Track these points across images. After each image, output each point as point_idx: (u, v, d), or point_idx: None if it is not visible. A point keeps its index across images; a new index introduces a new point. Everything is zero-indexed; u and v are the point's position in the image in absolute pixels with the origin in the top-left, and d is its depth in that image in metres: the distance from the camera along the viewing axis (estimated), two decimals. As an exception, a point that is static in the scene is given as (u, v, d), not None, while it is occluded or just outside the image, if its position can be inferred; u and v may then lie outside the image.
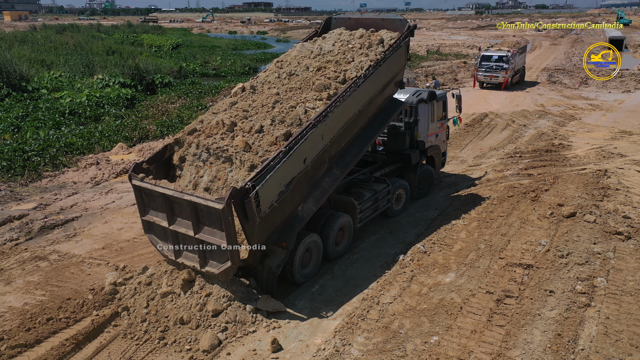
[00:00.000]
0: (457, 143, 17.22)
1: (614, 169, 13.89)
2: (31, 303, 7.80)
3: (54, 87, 26.55)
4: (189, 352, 6.73)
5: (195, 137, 8.23)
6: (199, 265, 7.46)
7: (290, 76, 9.54)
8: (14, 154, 15.03)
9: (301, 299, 8.07)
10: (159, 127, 19.22)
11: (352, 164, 9.40)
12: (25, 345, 6.76)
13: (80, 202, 12.40)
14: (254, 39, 76.05)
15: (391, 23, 10.90)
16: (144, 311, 7.45)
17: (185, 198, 7.01)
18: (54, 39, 52.27)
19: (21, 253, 9.59)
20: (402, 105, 10.98)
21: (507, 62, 27.79)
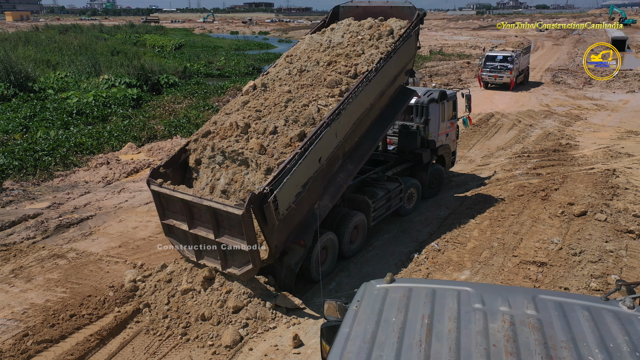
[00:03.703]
0: (464, 143, 17.32)
1: (622, 168, 14.00)
2: (53, 300, 7.91)
3: (60, 88, 26.66)
4: (211, 348, 6.84)
5: (209, 139, 8.27)
6: (220, 267, 7.55)
7: (301, 72, 9.49)
8: (24, 154, 15.14)
9: (319, 296, 8.16)
10: (167, 127, 19.31)
11: (365, 158, 9.41)
12: (50, 341, 6.87)
13: (94, 201, 12.50)
14: (256, 39, 76.15)
15: (400, 10, 10.75)
16: (165, 308, 7.55)
17: (205, 204, 7.08)
18: (57, 39, 52.39)
19: (39, 251, 9.69)
20: (413, 94, 10.93)
21: (512, 62, 27.85)
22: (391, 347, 3.13)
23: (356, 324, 3.41)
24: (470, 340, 3.14)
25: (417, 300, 3.59)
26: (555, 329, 3.22)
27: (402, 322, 3.37)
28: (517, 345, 3.07)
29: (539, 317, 3.33)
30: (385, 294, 3.70)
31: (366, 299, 3.68)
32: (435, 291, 3.67)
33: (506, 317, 3.33)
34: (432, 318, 3.37)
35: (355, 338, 3.26)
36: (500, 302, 3.49)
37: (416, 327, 3.30)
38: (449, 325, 3.29)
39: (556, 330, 3.22)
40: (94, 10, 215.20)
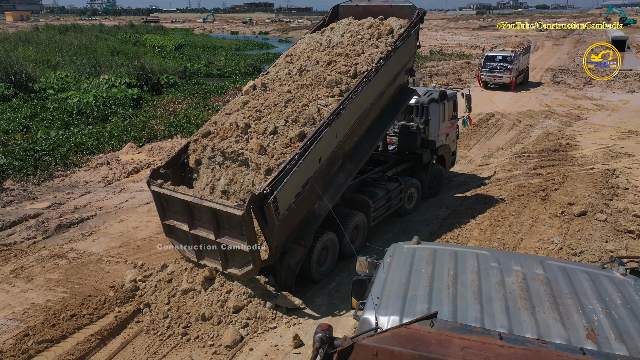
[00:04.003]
0: (464, 143, 17.33)
1: (622, 168, 14.01)
2: (53, 300, 7.91)
3: (60, 88, 26.67)
4: (212, 348, 6.85)
5: (209, 139, 8.27)
6: (221, 267, 7.56)
7: (301, 72, 9.47)
8: (25, 154, 15.15)
9: (319, 296, 8.18)
10: (167, 127, 19.33)
11: (366, 157, 9.42)
12: (51, 341, 6.88)
13: (94, 201, 12.51)
14: (256, 39, 76.16)
15: (400, 10, 10.72)
16: (166, 307, 7.56)
17: (205, 204, 7.08)
18: (57, 39, 52.39)
19: (40, 251, 9.70)
20: (413, 93, 10.93)
21: (511, 62, 27.83)
22: (424, 289, 3.71)
23: (391, 271, 3.99)
24: (490, 288, 3.72)
25: (442, 257, 4.18)
26: (560, 285, 3.81)
27: (431, 272, 3.95)
28: (530, 294, 3.65)
29: (546, 275, 3.92)
30: (413, 252, 4.30)
31: (397, 255, 4.30)
32: (457, 252, 4.28)
33: (519, 274, 3.91)
34: (457, 271, 3.95)
35: (392, 281, 3.84)
36: (514, 263, 4.09)
37: (443, 276, 3.88)
38: (471, 276, 3.88)
39: (561, 285, 3.80)
40: (94, 11, 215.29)
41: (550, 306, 3.52)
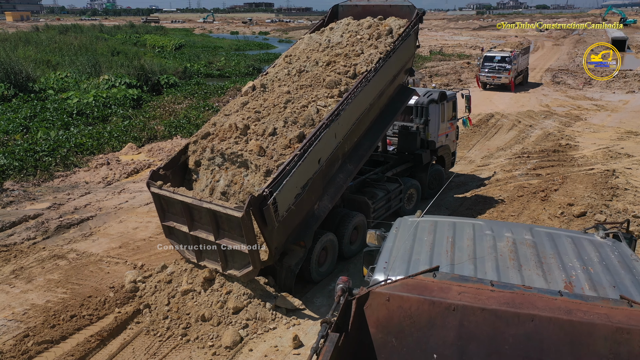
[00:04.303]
0: (464, 143, 17.34)
1: (621, 169, 14.02)
2: (53, 301, 7.92)
3: (60, 88, 26.68)
4: (211, 348, 6.86)
5: (209, 141, 8.26)
6: (221, 268, 7.57)
7: (300, 73, 9.46)
8: (25, 155, 15.16)
9: (319, 297, 8.19)
10: (167, 128, 19.34)
11: (365, 158, 9.42)
12: (51, 342, 6.89)
13: (94, 202, 12.52)
14: (256, 39, 76.20)
15: (399, 10, 10.71)
16: (166, 308, 7.57)
17: (205, 206, 7.09)
18: (57, 39, 52.43)
19: (40, 252, 9.71)
20: (412, 93, 10.93)
21: (510, 62, 27.78)
22: (425, 254, 4.30)
23: (397, 240, 4.61)
24: (483, 251, 4.30)
25: (442, 227, 4.75)
26: (545, 247, 4.37)
27: (432, 240, 4.52)
28: (518, 255, 4.23)
29: (534, 240, 4.48)
30: (416, 224, 4.88)
31: (402, 227, 4.88)
32: (455, 223, 4.86)
33: (509, 239, 4.49)
34: (454, 238, 4.53)
35: (398, 249, 4.43)
36: (505, 230, 4.67)
37: (443, 243, 4.46)
38: (467, 242, 4.45)
39: (546, 248, 4.36)
40: (94, 11, 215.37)
41: (535, 264, 4.11)
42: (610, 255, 4.26)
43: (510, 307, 3.38)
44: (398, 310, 3.50)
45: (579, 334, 3.28)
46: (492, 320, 3.38)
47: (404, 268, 4.11)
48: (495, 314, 3.38)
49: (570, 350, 3.29)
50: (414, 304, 3.48)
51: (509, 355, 3.37)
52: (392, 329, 3.52)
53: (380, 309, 3.53)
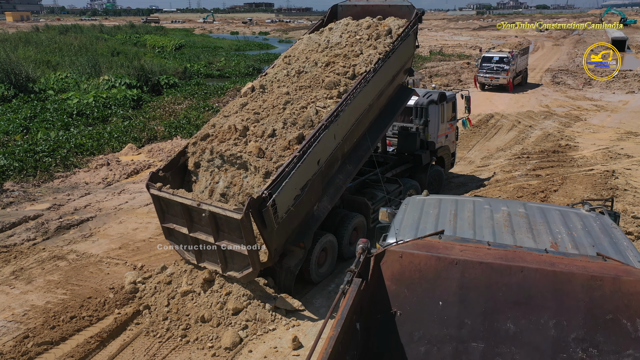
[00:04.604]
0: (464, 144, 17.35)
1: (621, 169, 14.03)
2: (53, 302, 7.93)
3: (60, 88, 26.70)
4: (211, 350, 6.87)
5: (208, 142, 8.25)
6: (221, 269, 7.58)
7: (299, 74, 9.44)
8: (25, 155, 15.17)
9: (318, 298, 8.20)
10: (167, 128, 19.34)
11: (364, 158, 9.42)
12: (51, 343, 6.90)
13: (94, 203, 12.53)
14: (256, 39, 76.22)
15: (398, 9, 10.70)
16: (165, 309, 7.58)
17: (204, 208, 7.10)
18: (58, 39, 52.46)
19: (39, 253, 9.72)
20: (412, 93, 10.92)
21: (508, 63, 27.69)
22: (431, 223, 4.93)
23: (407, 213, 5.27)
24: (481, 221, 4.91)
25: (445, 203, 5.39)
26: (536, 218, 4.97)
27: (437, 213, 5.14)
28: (511, 224, 4.84)
29: (526, 212, 5.09)
30: (423, 201, 5.55)
31: (411, 204, 5.56)
32: (457, 200, 5.53)
33: (505, 211, 5.10)
34: (457, 211, 5.15)
35: (407, 219, 5.11)
36: (502, 205, 5.31)
37: (446, 215, 5.09)
38: (468, 214, 5.06)
39: (537, 218, 4.97)
40: (94, 11, 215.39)
41: (526, 230, 4.74)
42: (593, 224, 4.88)
43: (503, 261, 4.02)
44: (409, 265, 4.14)
45: (560, 282, 3.88)
46: (488, 272, 4.00)
47: (412, 233, 4.75)
48: (491, 267, 4.00)
49: (554, 295, 3.89)
50: (422, 259, 4.11)
51: (503, 301, 3.96)
52: (404, 281, 4.14)
53: (394, 264, 4.16)
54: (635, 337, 3.73)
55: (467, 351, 3.95)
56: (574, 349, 3.81)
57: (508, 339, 3.92)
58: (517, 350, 3.89)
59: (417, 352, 4.04)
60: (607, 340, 3.78)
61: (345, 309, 3.59)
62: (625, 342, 3.75)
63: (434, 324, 4.03)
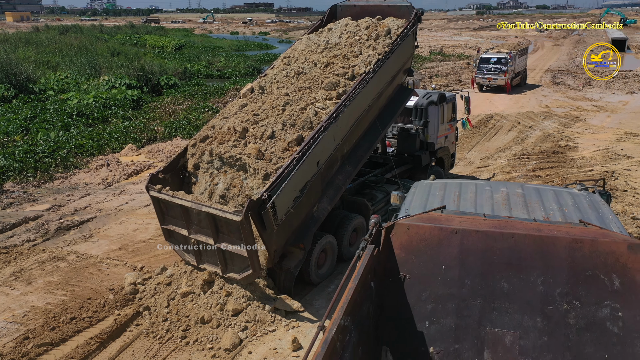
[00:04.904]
0: (464, 144, 17.35)
1: (620, 170, 14.03)
2: (53, 303, 7.95)
3: (60, 89, 26.71)
4: (211, 351, 6.88)
5: (207, 144, 8.25)
6: (220, 271, 7.59)
7: (299, 74, 9.43)
8: (25, 156, 15.18)
9: (318, 299, 8.21)
10: (167, 129, 19.36)
11: (364, 159, 9.42)
12: (51, 344, 6.91)
13: (94, 203, 12.54)
14: (257, 39, 76.25)
15: (398, 10, 10.69)
16: (165, 311, 7.59)
17: (204, 210, 7.11)
18: (58, 40, 52.46)
19: (39, 254, 9.73)
20: (411, 93, 10.92)
21: (506, 64, 27.58)
22: (437, 202, 5.41)
23: (415, 195, 5.80)
24: (482, 200, 5.41)
25: (450, 186, 5.88)
26: (532, 197, 5.44)
27: (442, 194, 5.63)
28: (509, 202, 5.34)
29: (523, 192, 5.56)
30: (430, 185, 6.03)
31: (419, 187, 6.03)
32: (461, 183, 6.00)
33: (504, 192, 5.57)
34: (460, 192, 5.63)
35: (415, 200, 5.63)
36: (501, 186, 5.79)
37: (451, 195, 5.57)
38: (470, 195, 5.55)
39: (532, 197, 5.44)
40: (94, 11, 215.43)
41: (522, 207, 5.23)
42: (583, 201, 5.38)
43: (497, 229, 4.56)
44: (415, 236, 4.68)
45: (546, 245, 4.42)
46: (484, 238, 4.54)
47: (419, 210, 5.24)
48: (486, 234, 4.54)
49: (541, 257, 4.43)
50: (427, 230, 4.66)
51: (497, 263, 4.49)
52: (411, 249, 4.67)
53: (402, 235, 4.70)
54: (611, 290, 4.27)
55: (468, 307, 4.52)
56: (559, 302, 4.37)
57: (502, 295, 4.48)
58: (511, 305, 4.45)
59: (424, 309, 4.60)
60: (588, 293, 4.32)
61: (361, 268, 4.13)
62: (603, 295, 4.28)
63: (438, 285, 4.59)
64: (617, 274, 4.29)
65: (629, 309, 4.23)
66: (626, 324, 4.22)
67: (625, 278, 4.27)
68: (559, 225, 4.68)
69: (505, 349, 4.43)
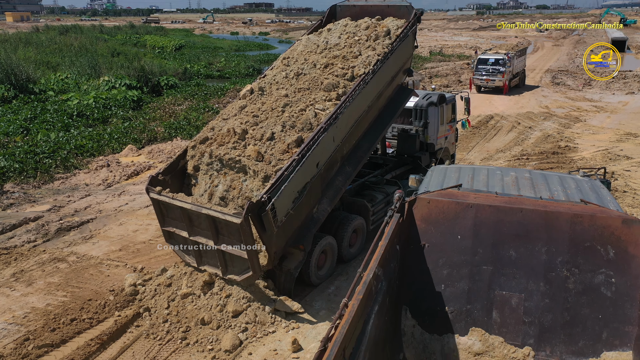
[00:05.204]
0: (464, 145, 17.36)
1: (620, 171, 14.05)
2: (53, 304, 7.96)
3: (60, 89, 26.72)
4: (211, 352, 6.89)
5: (207, 145, 8.24)
6: (221, 273, 7.60)
7: (298, 75, 9.41)
8: (25, 156, 15.19)
9: (318, 300, 8.22)
10: (167, 129, 19.37)
11: (364, 159, 9.42)
12: (51, 345, 6.92)
13: (94, 204, 12.55)
14: (256, 39, 76.27)
15: (397, 10, 10.68)
16: (165, 312, 7.60)
17: (203, 212, 7.12)
18: (58, 40, 52.49)
19: (40, 255, 9.74)
20: (411, 93, 10.92)
21: (504, 65, 27.47)
22: (453, 182, 5.99)
23: (432, 177, 6.42)
24: (494, 181, 5.97)
25: (465, 170, 6.50)
26: (539, 180, 6.00)
27: (457, 177, 6.20)
28: (518, 184, 5.85)
29: (530, 176, 6.17)
30: (446, 169, 6.71)
31: (436, 171, 6.67)
32: (474, 168, 6.68)
33: (513, 175, 6.15)
34: (474, 175, 6.22)
35: (433, 181, 6.24)
36: (511, 172, 6.32)
37: (466, 177, 6.15)
38: (482, 177, 6.14)
39: (539, 180, 6.00)
40: (94, 11, 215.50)
41: (530, 187, 5.76)
42: (585, 185, 5.93)
43: (507, 204, 5.19)
44: (435, 209, 5.34)
45: (550, 219, 5.02)
46: (495, 212, 5.17)
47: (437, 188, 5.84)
48: (497, 209, 5.17)
49: (545, 229, 5.02)
50: (445, 204, 5.32)
51: (506, 234, 5.10)
52: (431, 221, 5.33)
53: (423, 208, 5.37)
54: (607, 259, 4.86)
55: (480, 273, 5.15)
56: (560, 269, 4.97)
57: (510, 262, 5.08)
58: (517, 271, 5.05)
59: (441, 274, 5.24)
60: (586, 262, 4.92)
61: (389, 232, 4.77)
62: (599, 263, 4.88)
63: (454, 253, 5.22)
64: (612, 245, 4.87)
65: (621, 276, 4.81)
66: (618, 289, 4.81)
67: (619, 249, 4.84)
68: (562, 203, 5.27)
69: (511, 310, 5.02)
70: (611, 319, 4.78)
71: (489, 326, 5.08)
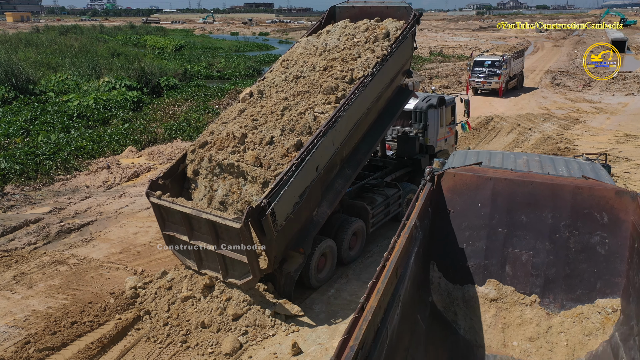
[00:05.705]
0: (463, 146, 17.37)
1: (620, 173, 14.06)
2: (54, 307, 7.98)
3: (60, 90, 26.73)
4: (211, 355, 6.91)
5: (206, 150, 8.25)
6: (221, 276, 7.62)
7: (297, 78, 9.41)
8: (26, 158, 15.21)
9: (318, 303, 8.24)
10: (167, 131, 19.38)
11: (363, 162, 9.43)
12: (52, 349, 6.94)
13: (94, 206, 12.57)
14: (257, 40, 76.27)
15: (396, 11, 10.70)
16: (166, 315, 7.62)
17: (203, 217, 7.14)
18: (58, 40, 52.48)
19: (40, 257, 9.76)
20: (410, 94, 10.93)
21: (500, 67, 27.20)
22: (474, 160, 6.94)
23: (455, 159, 7.30)
24: (508, 162, 6.85)
25: (482, 154, 7.36)
26: (546, 162, 6.86)
27: (477, 158, 7.06)
28: (528, 164, 6.74)
29: (540, 160, 7.00)
30: (466, 153, 7.54)
31: (457, 154, 7.54)
32: (491, 152, 7.50)
33: (525, 158, 7.05)
34: (490, 157, 7.11)
35: (455, 162, 7.09)
36: (523, 155, 7.27)
37: (484, 158, 7.02)
38: (498, 159, 7.03)
39: (547, 162, 6.85)
40: (95, 11, 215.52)
41: (539, 167, 6.62)
42: (586, 167, 6.77)
43: (520, 178, 6.15)
44: (459, 181, 6.34)
45: (556, 190, 6.00)
46: (510, 184, 6.12)
47: None
48: (512, 181, 6.13)
49: (551, 199, 5.99)
50: (468, 177, 6.33)
51: (519, 203, 6.07)
52: (456, 191, 6.33)
53: (449, 180, 6.38)
54: (601, 223, 5.79)
55: (496, 234, 6.13)
56: (563, 231, 5.93)
57: (522, 226, 6.05)
58: (527, 233, 6.02)
59: (463, 235, 6.26)
60: (584, 225, 5.85)
61: (424, 195, 5.83)
62: (595, 226, 5.82)
63: (475, 217, 6.20)
64: (606, 212, 5.79)
65: (613, 237, 5.75)
66: (610, 248, 5.74)
67: (612, 215, 5.76)
68: (566, 177, 6.22)
69: (521, 265, 6.02)
70: (604, 272, 5.72)
71: (503, 278, 6.09)
